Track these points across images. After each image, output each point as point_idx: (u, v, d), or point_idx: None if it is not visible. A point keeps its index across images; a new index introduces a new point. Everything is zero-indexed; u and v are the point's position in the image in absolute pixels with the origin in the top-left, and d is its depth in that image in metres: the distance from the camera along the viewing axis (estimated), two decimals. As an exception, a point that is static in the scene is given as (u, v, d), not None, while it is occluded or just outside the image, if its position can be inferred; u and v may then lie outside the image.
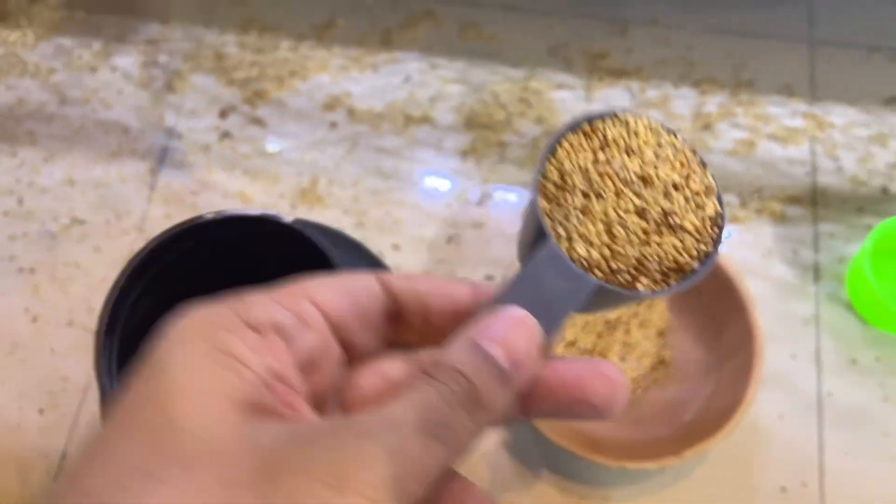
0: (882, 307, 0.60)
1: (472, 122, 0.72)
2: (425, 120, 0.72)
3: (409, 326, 0.21)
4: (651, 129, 0.24)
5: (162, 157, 0.71)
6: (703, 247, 0.23)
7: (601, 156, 0.23)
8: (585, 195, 0.22)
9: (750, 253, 0.66)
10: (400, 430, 0.17)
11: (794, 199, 0.67)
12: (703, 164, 0.24)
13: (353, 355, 0.21)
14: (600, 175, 0.22)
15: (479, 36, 0.76)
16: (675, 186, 0.23)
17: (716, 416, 0.55)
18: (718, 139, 0.70)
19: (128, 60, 0.76)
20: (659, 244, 0.23)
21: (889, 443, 0.59)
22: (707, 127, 0.71)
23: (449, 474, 0.20)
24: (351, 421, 0.18)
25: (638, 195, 0.22)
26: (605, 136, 0.23)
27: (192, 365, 0.17)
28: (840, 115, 0.71)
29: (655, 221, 0.23)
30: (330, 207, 0.68)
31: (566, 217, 0.22)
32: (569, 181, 0.22)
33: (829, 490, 0.58)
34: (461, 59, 0.75)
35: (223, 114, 0.73)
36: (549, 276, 0.21)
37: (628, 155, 0.23)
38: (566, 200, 0.22)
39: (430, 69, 0.75)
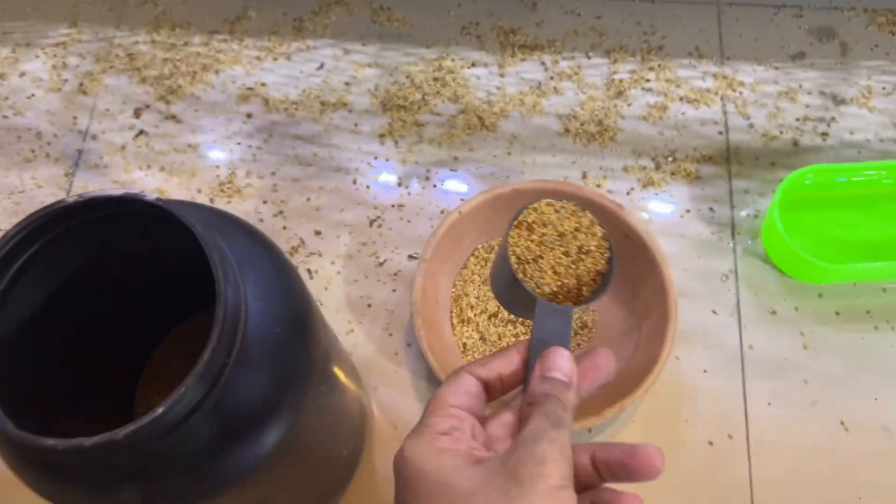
0: (795, 257, 0.60)
1: (388, 105, 0.72)
2: (341, 105, 0.72)
3: (494, 390, 0.35)
4: (548, 203, 0.38)
5: (77, 160, 0.70)
6: (606, 254, 0.39)
7: (534, 236, 0.38)
8: (535, 258, 0.37)
9: (667, 214, 0.66)
10: (544, 432, 0.30)
11: (707, 159, 0.68)
12: (584, 209, 0.39)
13: (481, 419, 0.34)
14: (538, 245, 0.38)
15: (390, 19, 0.76)
16: (577, 230, 0.38)
17: (635, 375, 0.56)
18: (632, 105, 0.71)
19: (37, 65, 0.75)
20: (584, 265, 0.38)
21: (810, 389, 0.60)
22: (620, 94, 0.71)
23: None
24: (513, 443, 0.31)
25: (561, 245, 0.38)
26: (529, 222, 0.38)
27: (435, 460, 0.30)
28: (749, 74, 0.72)
29: (576, 254, 0.38)
30: (249, 198, 0.68)
31: (530, 275, 0.37)
32: (523, 255, 0.37)
33: (754, 440, 0.58)
34: (374, 43, 0.75)
35: (137, 112, 0.72)
36: (548, 317, 0.35)
37: (545, 227, 0.38)
38: (526, 265, 0.37)
39: (344, 55, 0.75)
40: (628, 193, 0.67)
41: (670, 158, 0.68)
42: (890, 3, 0.75)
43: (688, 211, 0.66)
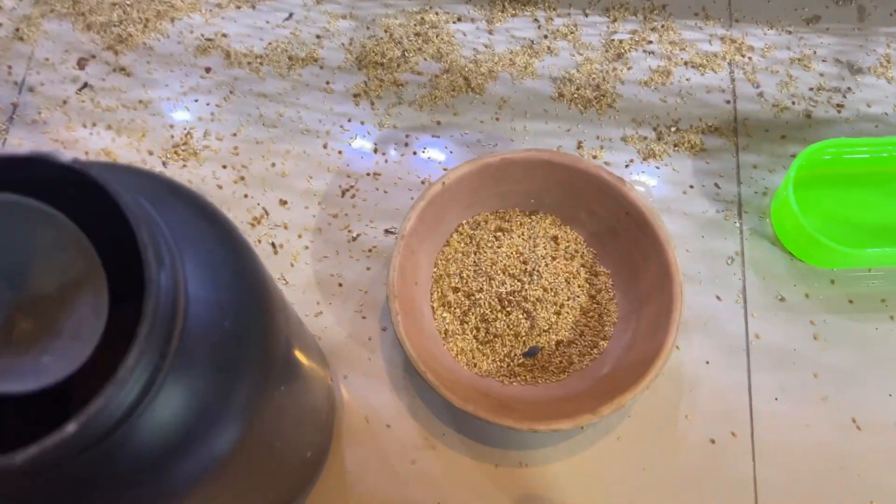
0: (809, 240, 0.55)
1: (364, 61, 0.64)
2: (312, 60, 0.65)
3: None
4: None
5: (11, 115, 0.62)
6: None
7: None
8: None
9: (669, 189, 0.61)
10: None
11: (713, 130, 0.62)
12: None
13: None
14: None
15: (368, -34, 0.69)
16: None
17: (634, 367, 0.50)
18: (632, 69, 0.65)
19: (-33, 6, 0.66)
20: None
21: (820, 383, 0.55)
22: (619, 57, 0.65)
23: None
24: None
25: None
26: None
27: None
28: (760, 38, 0.66)
29: None
30: (206, 162, 0.61)
31: None
32: None
33: (759, 438, 0.54)
34: (350, -8, 0.68)
35: (81, 63, 0.64)
36: None
37: None
38: None
39: (315, 4, 0.67)
40: (627, 166, 0.61)
41: (673, 128, 0.62)
42: (911, -36, 0.69)
43: (691, 186, 0.61)
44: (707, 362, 0.56)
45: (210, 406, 0.28)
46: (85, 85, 0.63)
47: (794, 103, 0.64)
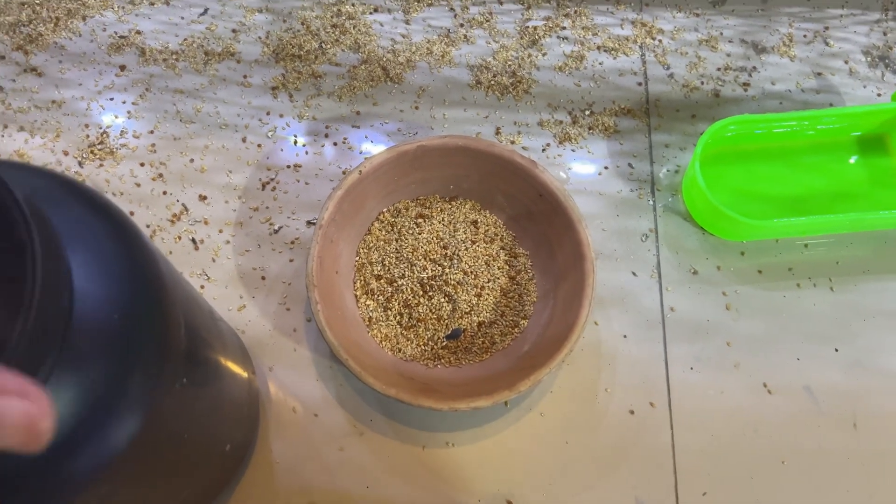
0: (717, 213, 0.57)
1: (281, 54, 0.65)
2: (228, 55, 0.64)
3: None
4: None
5: (-82, 120, 0.61)
6: None
7: None
8: None
9: (585, 171, 0.62)
10: None
11: (626, 112, 0.64)
12: None
13: None
14: None
15: (283, -42, 0.69)
16: None
17: (550, 343, 0.52)
18: (547, 55, 0.66)
19: None
20: None
21: (732, 351, 0.57)
22: (534, 43, 0.66)
23: None
24: None
25: None
26: None
27: None
28: (669, 21, 0.68)
29: None
30: (123, 160, 0.60)
31: None
32: None
33: (676, 407, 0.56)
34: (265, -14, 0.68)
35: (-10, 64, 0.63)
36: None
37: None
38: None
39: (231, -2, 0.67)
40: (544, 150, 0.63)
41: (587, 112, 0.64)
42: (810, -54, 0.72)
43: (606, 168, 0.62)
44: (625, 336, 0.57)
45: (102, 398, 0.28)
46: (-6, 87, 0.62)
47: (702, 83, 0.66)
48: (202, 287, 0.57)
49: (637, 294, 0.59)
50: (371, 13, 0.66)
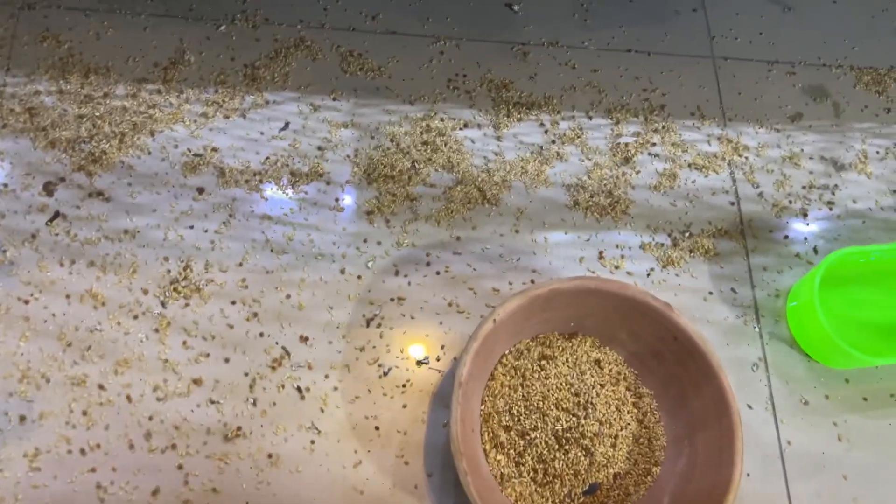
0: (829, 343, 0.57)
1: (372, 174, 0.60)
2: (317, 175, 0.60)
3: None
4: None
5: (-32, 254, 0.53)
6: None
7: None
8: None
9: (690, 297, 0.61)
10: None
11: (723, 233, 0.64)
12: None
13: None
14: None
15: (363, 68, 0.65)
16: None
17: (697, 499, 0.50)
18: (640, 173, 0.65)
19: None
20: None
21: (849, 485, 0.57)
22: (627, 161, 0.65)
23: None
24: None
25: None
26: None
27: None
28: (752, 137, 0.68)
29: None
30: (212, 299, 0.54)
31: None
32: None
33: (804, 547, 0.55)
34: (347, 98, 0.63)
35: (49, 188, 0.56)
36: None
37: None
38: None
39: (312, 111, 0.62)
40: (649, 275, 0.61)
41: (686, 233, 0.63)
42: (872, 60, 0.74)
43: (710, 293, 0.61)
44: (748, 475, 0.56)
45: None
46: (56, 214, 0.55)
47: (790, 202, 0.66)
48: (312, 443, 0.52)
49: (755, 428, 0.58)
50: (461, 129, 0.63)
